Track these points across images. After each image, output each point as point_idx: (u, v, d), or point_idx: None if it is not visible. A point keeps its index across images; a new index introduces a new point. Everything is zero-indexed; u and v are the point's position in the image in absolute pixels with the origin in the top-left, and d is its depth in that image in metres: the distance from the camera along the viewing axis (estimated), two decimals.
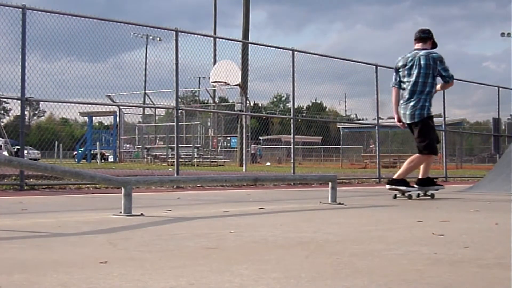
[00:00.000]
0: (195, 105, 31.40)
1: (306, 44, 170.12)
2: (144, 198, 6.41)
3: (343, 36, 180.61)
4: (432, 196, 7.18)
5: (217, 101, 24.43)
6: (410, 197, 7.02)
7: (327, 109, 37.81)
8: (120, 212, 4.48)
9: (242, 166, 20.44)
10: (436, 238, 3.46)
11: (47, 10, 8.71)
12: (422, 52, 7.03)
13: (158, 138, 28.21)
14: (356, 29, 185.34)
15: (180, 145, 12.37)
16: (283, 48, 11.81)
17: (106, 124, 34.08)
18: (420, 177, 7.19)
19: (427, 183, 7.21)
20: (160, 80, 12.54)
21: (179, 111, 10.80)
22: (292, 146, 11.94)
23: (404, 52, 7.22)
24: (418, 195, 7.19)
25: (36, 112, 62.07)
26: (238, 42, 16.32)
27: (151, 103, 23.54)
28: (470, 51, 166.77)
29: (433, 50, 7.14)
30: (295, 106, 12.02)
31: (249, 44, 14.88)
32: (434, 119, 7.41)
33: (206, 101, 33.83)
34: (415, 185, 7.17)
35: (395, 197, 6.99)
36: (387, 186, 7.18)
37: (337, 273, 2.32)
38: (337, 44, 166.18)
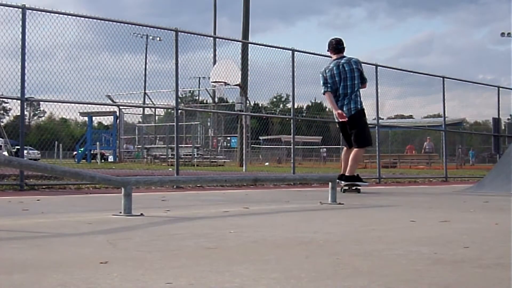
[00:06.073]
0: (195, 105, 31.39)
1: (382, 46, 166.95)
2: (144, 198, 6.40)
3: (426, 34, 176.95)
4: (359, 190, 8.11)
5: (217, 101, 24.42)
6: (358, 191, 8.09)
7: (327, 109, 37.77)
8: (120, 212, 4.48)
9: (242, 166, 20.44)
10: (436, 238, 3.46)
11: (47, 10, 8.71)
12: (343, 60, 8.30)
13: (158, 138, 28.20)
14: (446, 26, 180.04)
15: (180, 145, 12.37)
16: (283, 48, 11.81)
17: (106, 124, 34.11)
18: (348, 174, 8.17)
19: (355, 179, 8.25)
20: (159, 80, 12.52)
21: (179, 111, 10.80)
22: (292, 146, 11.94)
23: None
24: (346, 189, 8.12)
25: (36, 112, 62.11)
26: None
27: (151, 103, 23.54)
28: None
29: (349, 56, 8.42)
30: (295, 106, 12.03)
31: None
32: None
33: (205, 101, 33.83)
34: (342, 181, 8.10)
35: (344, 191, 8.00)
36: (343, 183, 8.08)
37: (337, 273, 2.32)
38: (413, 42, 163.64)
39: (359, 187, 8.20)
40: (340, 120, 8.20)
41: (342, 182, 8.11)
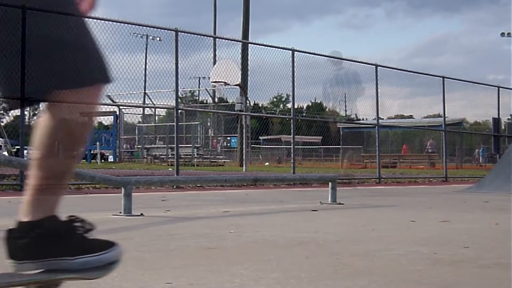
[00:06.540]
0: (195, 105, 31.40)
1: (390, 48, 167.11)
2: (144, 198, 6.40)
3: (437, 35, 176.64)
4: None
5: (217, 101, 24.41)
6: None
7: (327, 109, 37.83)
8: (120, 212, 4.48)
9: (242, 166, 20.44)
10: (436, 238, 3.46)
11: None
12: None
13: (158, 138, 28.19)
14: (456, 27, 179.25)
15: (180, 145, 12.38)
16: (283, 48, 11.80)
17: (106, 124, 34.13)
18: None
19: None
20: (159, 80, 12.54)
21: (179, 111, 10.81)
22: (292, 146, 11.93)
23: None
24: None
25: (36, 112, 62.21)
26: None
27: (151, 103, 23.53)
28: None
29: None
30: (295, 106, 12.04)
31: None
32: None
33: (205, 101, 33.84)
34: None
35: None
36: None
37: (337, 273, 2.32)
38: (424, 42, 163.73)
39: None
40: None
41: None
